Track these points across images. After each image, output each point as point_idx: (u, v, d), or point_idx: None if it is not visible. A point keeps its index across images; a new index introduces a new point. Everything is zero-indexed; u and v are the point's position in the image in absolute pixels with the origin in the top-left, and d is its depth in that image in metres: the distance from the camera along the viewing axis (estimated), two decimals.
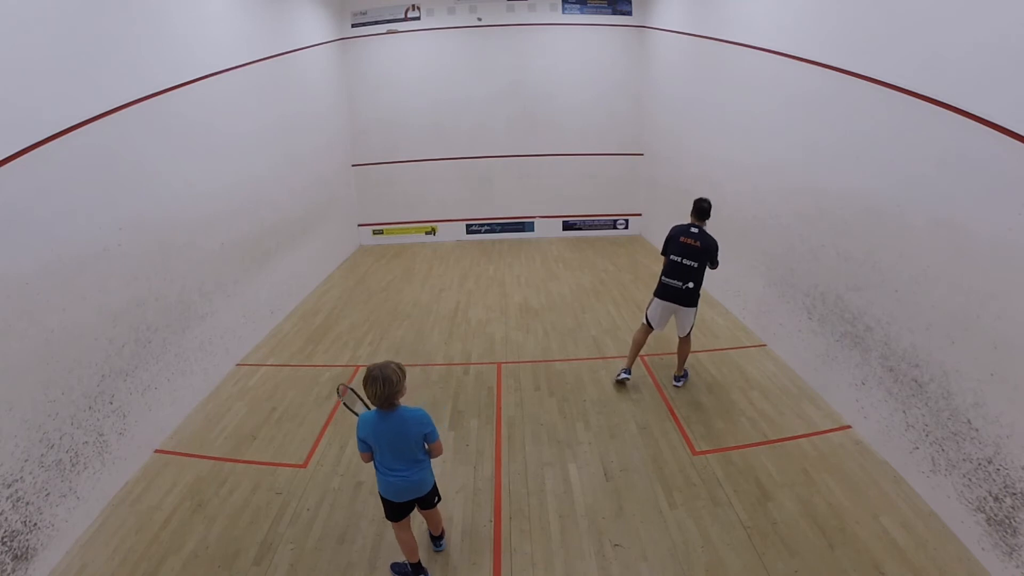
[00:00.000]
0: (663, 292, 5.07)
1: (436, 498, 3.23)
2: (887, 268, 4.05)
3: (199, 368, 5.27)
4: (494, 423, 4.78)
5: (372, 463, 3.05)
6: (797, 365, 5.43)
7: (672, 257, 5.01)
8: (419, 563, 3.22)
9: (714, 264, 5.02)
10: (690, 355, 5.35)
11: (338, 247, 10.24)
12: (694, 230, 4.98)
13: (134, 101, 4.47)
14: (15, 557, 3.14)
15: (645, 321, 5.26)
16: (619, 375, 5.27)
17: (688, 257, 4.93)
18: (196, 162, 5.42)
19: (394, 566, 3.32)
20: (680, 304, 5.04)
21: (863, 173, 4.29)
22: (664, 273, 5.08)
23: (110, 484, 3.97)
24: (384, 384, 2.80)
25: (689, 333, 5.19)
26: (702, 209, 5.04)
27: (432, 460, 3.11)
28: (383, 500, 3.09)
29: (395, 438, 2.93)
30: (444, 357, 6.10)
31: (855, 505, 3.65)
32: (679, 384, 5.26)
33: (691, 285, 4.97)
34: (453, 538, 3.54)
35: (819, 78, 4.83)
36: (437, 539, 3.45)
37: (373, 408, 2.98)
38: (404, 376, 2.91)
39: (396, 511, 3.09)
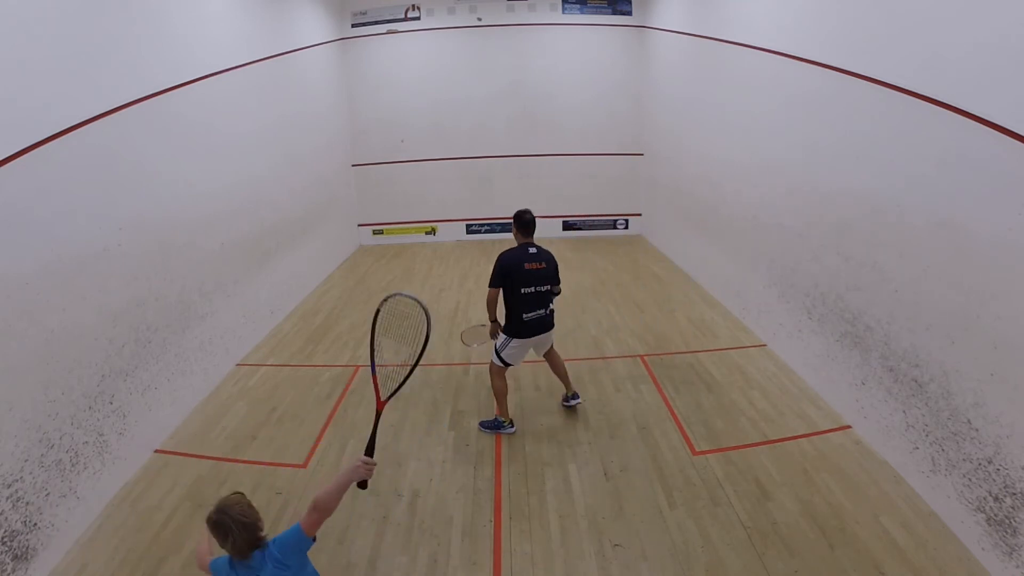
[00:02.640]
0: (529, 329, 4.43)
1: None
2: (887, 268, 4.05)
3: (199, 368, 5.27)
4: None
5: None
6: (797, 365, 5.42)
7: (523, 291, 4.36)
8: None
9: (557, 284, 4.53)
10: (688, 354, 5.32)
11: (338, 247, 10.23)
12: (533, 251, 4.48)
13: (134, 101, 4.47)
14: (15, 557, 3.14)
15: (500, 363, 4.55)
16: (506, 429, 4.60)
17: (539, 283, 4.42)
18: (196, 162, 5.42)
19: None
20: (546, 331, 4.58)
21: (863, 173, 4.29)
22: (520, 309, 4.39)
23: (110, 484, 3.97)
24: (242, 529, 2.08)
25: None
26: (527, 223, 4.56)
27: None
28: None
29: None
30: (444, 357, 6.10)
31: (855, 505, 3.65)
32: (572, 404, 4.82)
33: (552, 307, 4.53)
34: (453, 538, 3.54)
35: (819, 78, 4.83)
36: None
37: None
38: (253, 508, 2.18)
39: None
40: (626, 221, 11.51)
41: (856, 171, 4.37)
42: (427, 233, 11.49)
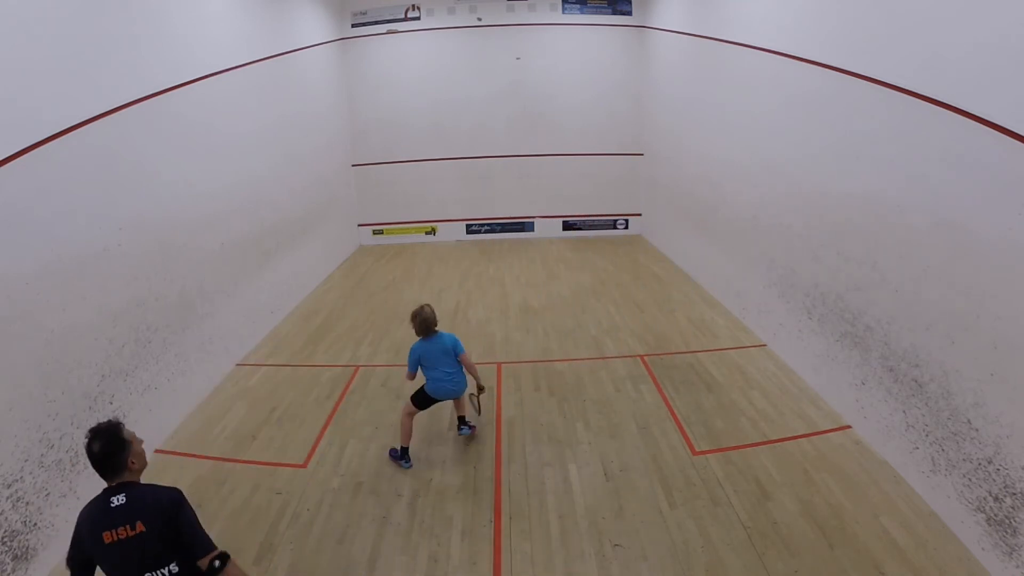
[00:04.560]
0: None
1: None
2: (887, 268, 4.05)
3: (199, 368, 5.27)
4: (494, 423, 4.78)
5: None
6: (797, 365, 5.42)
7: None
8: None
9: (198, 547, 2.14)
10: (688, 354, 5.28)
11: (338, 247, 10.23)
12: (118, 500, 2.09)
13: (134, 101, 4.47)
14: (15, 557, 3.14)
15: None
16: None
17: (145, 561, 2.06)
18: (196, 162, 5.42)
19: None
20: None
21: (863, 173, 4.28)
22: None
23: None
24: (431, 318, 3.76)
25: None
26: (99, 462, 2.14)
27: None
28: None
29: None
30: None
31: (855, 505, 3.64)
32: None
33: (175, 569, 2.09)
34: (453, 538, 3.54)
35: (819, 78, 4.83)
36: None
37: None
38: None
39: None
40: (626, 221, 11.51)
41: (856, 171, 4.37)
42: (427, 233, 11.49)
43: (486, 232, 11.53)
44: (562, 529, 3.57)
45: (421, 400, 4.25)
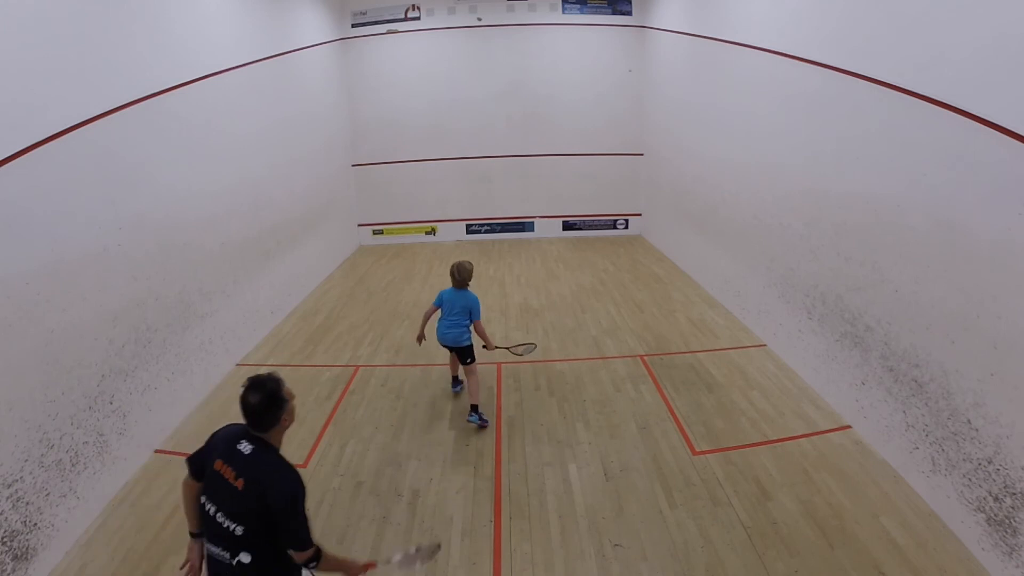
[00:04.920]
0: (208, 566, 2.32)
1: None
2: (887, 268, 4.05)
3: (199, 368, 5.27)
4: (494, 423, 4.78)
5: None
6: (797, 365, 5.43)
7: (203, 504, 2.27)
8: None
9: (294, 542, 2.16)
10: (688, 354, 5.29)
11: (338, 247, 10.23)
12: (245, 447, 2.21)
13: (134, 101, 4.47)
14: (15, 557, 3.14)
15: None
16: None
17: (224, 509, 2.18)
18: (196, 162, 5.42)
19: None
20: None
21: (863, 173, 4.29)
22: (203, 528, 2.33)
23: (110, 484, 3.97)
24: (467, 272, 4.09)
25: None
26: (251, 412, 2.20)
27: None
28: None
29: None
30: (444, 357, 6.08)
31: (855, 505, 3.65)
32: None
33: (244, 560, 2.16)
34: (453, 538, 3.54)
35: (819, 78, 4.83)
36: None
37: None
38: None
39: None
40: (626, 221, 11.51)
41: (856, 171, 4.37)
42: (427, 233, 11.49)
43: (486, 232, 11.53)
44: (562, 529, 3.57)
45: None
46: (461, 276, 4.75)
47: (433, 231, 11.50)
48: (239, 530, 2.13)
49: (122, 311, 4.23)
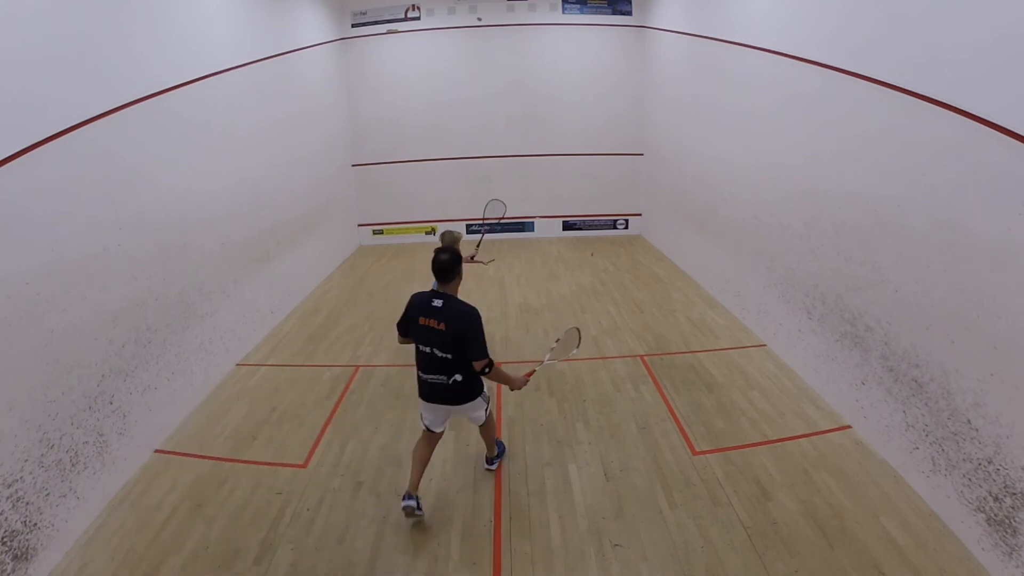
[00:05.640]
0: (424, 391, 3.59)
1: None
2: (887, 268, 4.05)
3: (199, 368, 5.27)
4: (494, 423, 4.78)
5: None
6: (797, 365, 5.43)
7: (420, 347, 3.50)
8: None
9: (477, 354, 3.39)
10: (688, 354, 5.30)
11: (338, 247, 10.24)
12: (437, 303, 3.40)
13: (134, 101, 4.47)
14: (15, 557, 3.14)
15: (424, 427, 3.77)
16: (404, 503, 3.52)
17: (436, 346, 3.41)
18: (196, 162, 5.42)
19: None
20: (451, 404, 3.59)
21: (863, 173, 4.29)
22: (418, 365, 3.58)
23: (110, 484, 3.97)
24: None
25: (487, 420, 3.89)
26: (441, 266, 3.52)
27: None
28: None
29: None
30: None
31: (855, 505, 3.65)
32: (491, 468, 4.15)
33: (458, 378, 3.45)
34: (453, 538, 3.54)
35: (819, 78, 4.83)
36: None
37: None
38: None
39: None
40: (626, 221, 11.51)
41: (856, 171, 4.37)
42: (427, 233, 11.49)
43: (486, 232, 11.50)
44: (562, 529, 3.57)
45: None
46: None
47: (433, 231, 11.49)
48: (449, 357, 3.37)
49: (122, 311, 4.24)
